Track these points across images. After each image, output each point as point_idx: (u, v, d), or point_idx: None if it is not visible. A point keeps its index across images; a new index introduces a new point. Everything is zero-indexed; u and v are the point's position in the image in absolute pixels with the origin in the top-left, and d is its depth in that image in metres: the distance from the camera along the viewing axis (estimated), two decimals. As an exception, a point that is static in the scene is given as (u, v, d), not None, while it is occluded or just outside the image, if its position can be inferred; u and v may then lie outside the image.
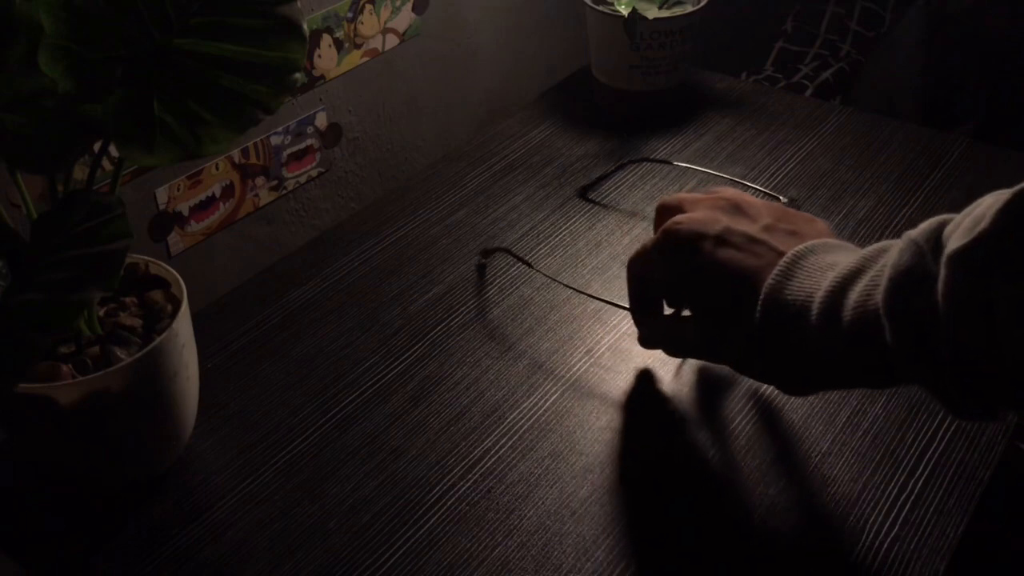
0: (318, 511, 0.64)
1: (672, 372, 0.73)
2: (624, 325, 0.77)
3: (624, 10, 0.97)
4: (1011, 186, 0.45)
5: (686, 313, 0.67)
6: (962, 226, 0.46)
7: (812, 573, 0.59)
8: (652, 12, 0.99)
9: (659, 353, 0.75)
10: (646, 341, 0.69)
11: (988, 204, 0.46)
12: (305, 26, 0.59)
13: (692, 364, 0.74)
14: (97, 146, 0.61)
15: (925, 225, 0.49)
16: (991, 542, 0.77)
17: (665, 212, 0.66)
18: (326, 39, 0.91)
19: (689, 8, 1.02)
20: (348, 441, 0.69)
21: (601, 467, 0.66)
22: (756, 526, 0.62)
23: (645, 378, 0.73)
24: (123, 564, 0.61)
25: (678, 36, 1.00)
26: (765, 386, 0.71)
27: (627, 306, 0.70)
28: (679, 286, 0.63)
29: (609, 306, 0.79)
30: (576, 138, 1.02)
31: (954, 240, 0.46)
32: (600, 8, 1.01)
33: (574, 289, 0.80)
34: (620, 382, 0.73)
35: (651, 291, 0.67)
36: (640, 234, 0.87)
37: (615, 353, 0.75)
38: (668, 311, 0.68)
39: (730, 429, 0.69)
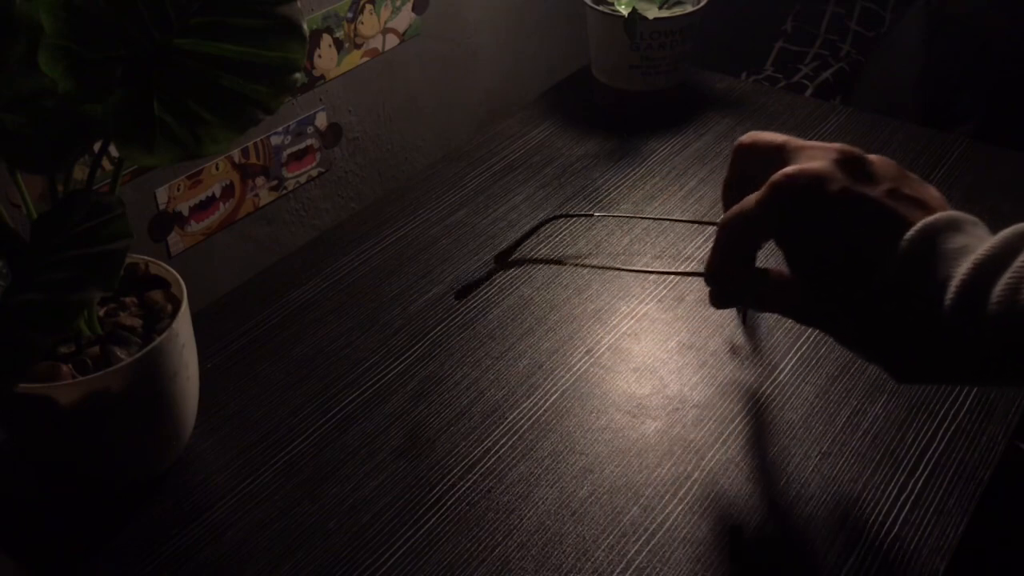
0: (318, 511, 0.64)
1: (673, 371, 0.73)
2: (624, 325, 0.78)
3: (624, 10, 0.97)
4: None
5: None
6: None
7: (812, 573, 0.59)
8: (652, 12, 0.99)
9: (659, 353, 0.75)
10: (724, 298, 0.62)
11: None
12: (305, 26, 0.59)
13: (692, 364, 0.74)
14: (97, 146, 0.61)
15: None
16: (991, 542, 0.77)
17: (751, 154, 0.59)
18: (326, 39, 0.91)
19: (689, 8, 1.02)
20: (348, 441, 0.69)
21: (601, 467, 0.66)
22: (756, 526, 0.62)
23: (645, 378, 0.73)
24: (123, 564, 0.61)
25: (678, 36, 1.00)
26: (765, 385, 0.71)
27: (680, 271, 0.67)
28: (785, 248, 0.57)
29: (610, 305, 0.79)
30: (576, 138, 1.02)
31: None
32: (600, 8, 1.01)
33: (619, 269, 0.81)
34: (620, 382, 0.73)
35: (744, 252, 0.59)
36: (640, 234, 0.87)
37: (615, 353, 0.75)
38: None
39: (730, 429, 0.69)
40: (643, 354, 0.75)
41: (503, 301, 0.81)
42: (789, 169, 0.54)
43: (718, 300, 0.62)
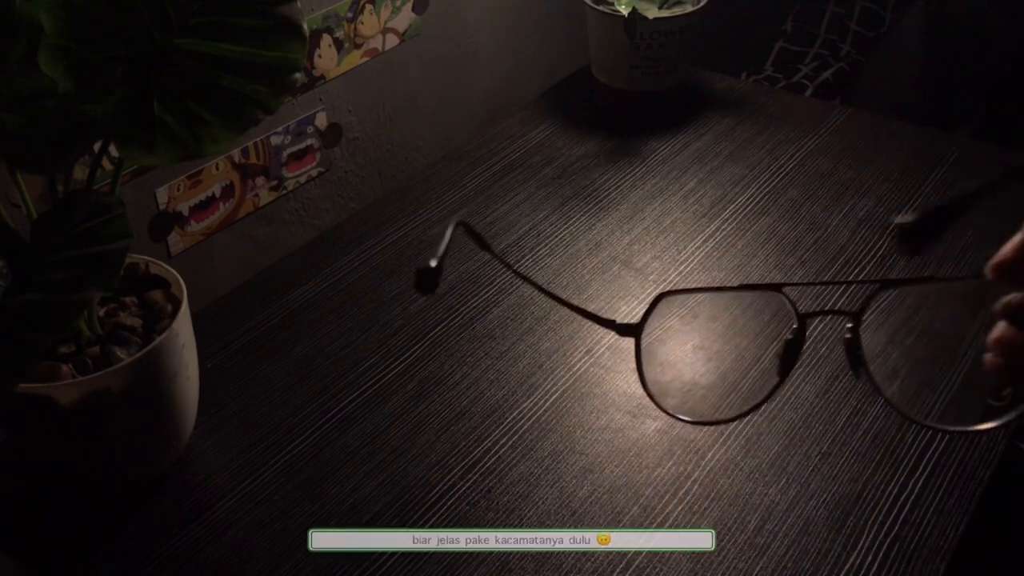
0: (318, 511, 0.64)
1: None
2: (624, 325, 0.77)
3: (624, 10, 0.97)
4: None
5: None
6: None
7: (812, 573, 0.59)
8: (652, 12, 0.99)
9: (659, 353, 0.75)
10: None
11: None
12: (305, 26, 0.59)
13: (695, 367, 0.74)
14: (97, 146, 0.61)
15: None
16: (991, 542, 0.77)
17: None
18: (326, 39, 0.91)
19: (689, 8, 1.02)
20: (348, 441, 0.69)
21: (601, 467, 0.66)
22: (756, 526, 0.62)
23: (645, 378, 0.73)
24: (123, 564, 0.61)
25: (678, 36, 1.00)
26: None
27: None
28: None
29: (610, 305, 0.79)
30: (576, 138, 1.02)
31: None
32: (600, 8, 1.01)
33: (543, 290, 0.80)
34: (620, 382, 0.73)
35: None
36: (640, 234, 0.87)
37: (615, 353, 0.75)
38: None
39: (730, 429, 0.68)
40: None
41: (503, 301, 0.80)
42: None
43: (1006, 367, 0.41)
